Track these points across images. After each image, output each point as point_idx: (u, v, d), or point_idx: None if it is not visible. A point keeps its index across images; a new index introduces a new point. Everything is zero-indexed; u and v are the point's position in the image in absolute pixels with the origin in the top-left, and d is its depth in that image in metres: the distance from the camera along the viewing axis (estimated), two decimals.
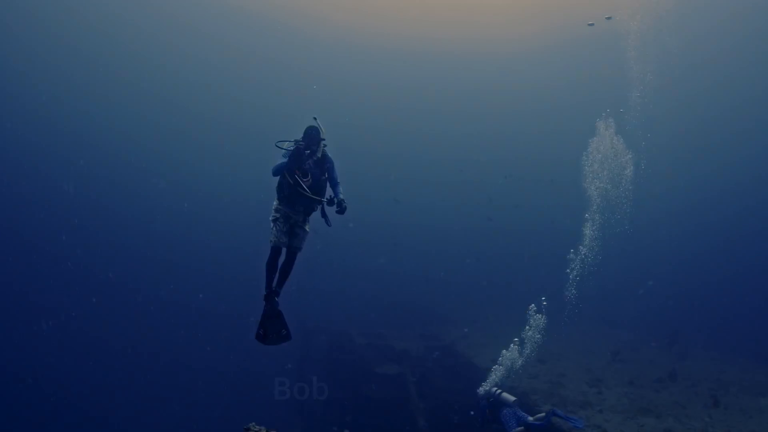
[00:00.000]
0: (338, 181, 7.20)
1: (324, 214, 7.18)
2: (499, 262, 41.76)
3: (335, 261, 36.03)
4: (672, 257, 41.02)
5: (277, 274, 7.17)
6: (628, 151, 18.01)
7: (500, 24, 48.08)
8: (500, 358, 12.42)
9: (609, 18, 29.48)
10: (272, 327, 7.16)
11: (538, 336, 13.15)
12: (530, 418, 10.16)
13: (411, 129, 61.76)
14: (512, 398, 10.59)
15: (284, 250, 7.21)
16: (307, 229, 7.31)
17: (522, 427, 10.09)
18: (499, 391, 10.82)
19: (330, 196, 7.00)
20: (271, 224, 7.10)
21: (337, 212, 6.92)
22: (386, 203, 46.01)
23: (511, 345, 12.64)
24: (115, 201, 51.02)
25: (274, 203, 7.20)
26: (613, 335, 24.47)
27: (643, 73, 29.79)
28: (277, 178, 7.10)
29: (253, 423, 10.64)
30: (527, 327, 13.28)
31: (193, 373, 30.20)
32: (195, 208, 54.21)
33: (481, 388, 11.29)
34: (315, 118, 7.07)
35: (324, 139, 7.06)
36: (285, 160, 6.87)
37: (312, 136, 7.00)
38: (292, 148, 6.85)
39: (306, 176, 6.85)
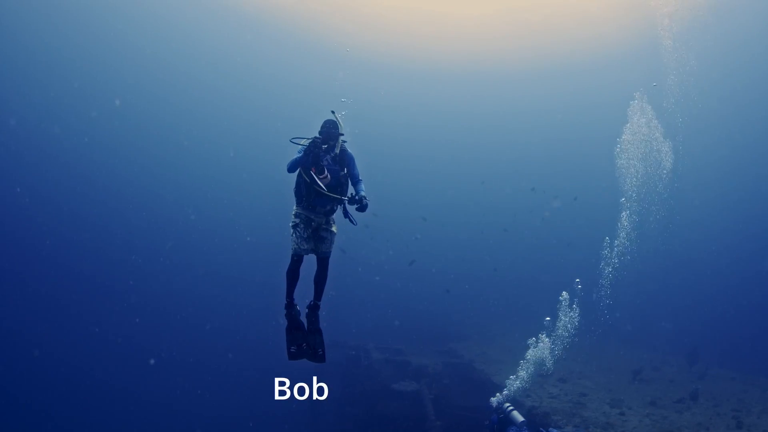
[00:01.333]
0: (360, 178, 6.89)
1: (347, 214, 6.89)
2: (519, 277, 41.42)
3: (353, 275, 35.93)
4: (694, 271, 40.06)
5: (313, 286, 6.96)
6: (667, 140, 17.42)
7: (525, 35, 47.49)
8: (527, 352, 12.08)
9: None
10: (292, 340, 6.92)
11: (570, 331, 12.77)
12: None
13: (431, 141, 61.69)
14: (521, 418, 10.41)
15: (314, 257, 6.95)
16: (334, 231, 7.04)
17: None
18: (510, 407, 10.67)
19: (351, 194, 6.72)
20: (291, 230, 6.78)
21: (358, 209, 6.62)
22: (407, 217, 45.69)
23: (541, 335, 12.29)
24: (126, 202, 51.46)
25: (294, 208, 6.93)
26: (633, 353, 24.18)
27: (679, 59, 28.86)
28: (295, 180, 6.87)
29: None
30: (558, 319, 12.88)
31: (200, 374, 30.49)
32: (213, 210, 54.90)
33: (494, 399, 11.17)
34: (333, 112, 6.78)
35: (343, 134, 6.76)
36: (301, 155, 6.59)
37: (329, 130, 6.69)
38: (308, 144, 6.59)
39: (323, 173, 6.50)
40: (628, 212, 16.33)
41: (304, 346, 6.96)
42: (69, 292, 37.18)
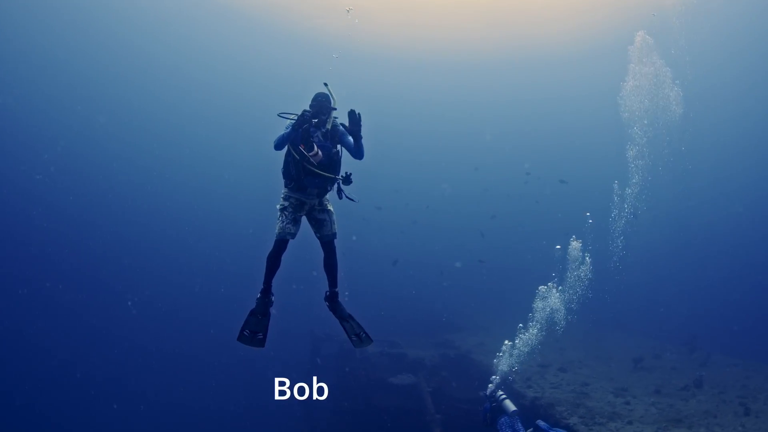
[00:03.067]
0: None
1: (341, 194, 6.39)
2: (511, 265, 41.02)
3: (346, 265, 35.51)
4: (692, 253, 39.55)
5: (325, 274, 6.58)
6: (675, 85, 16.63)
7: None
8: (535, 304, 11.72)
9: None
10: (249, 324, 6.39)
11: (584, 280, 12.30)
12: None
13: (424, 131, 61.09)
14: (513, 407, 9.97)
15: (310, 244, 6.65)
16: (331, 209, 6.54)
17: None
18: (503, 395, 10.25)
19: (346, 173, 6.16)
20: (278, 213, 6.27)
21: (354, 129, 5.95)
22: (399, 207, 45.10)
23: (550, 285, 11.91)
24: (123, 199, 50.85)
25: (283, 190, 6.42)
26: (631, 341, 23.90)
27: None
28: (283, 160, 6.34)
29: None
30: (569, 268, 12.44)
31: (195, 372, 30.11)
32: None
33: (495, 368, 10.84)
34: (326, 84, 6.16)
35: (336, 109, 6.17)
36: (289, 130, 6.06)
37: (321, 103, 6.11)
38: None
39: (312, 149, 5.98)
40: (635, 165, 15.70)
41: (260, 335, 6.44)
42: (64, 290, 36.66)
